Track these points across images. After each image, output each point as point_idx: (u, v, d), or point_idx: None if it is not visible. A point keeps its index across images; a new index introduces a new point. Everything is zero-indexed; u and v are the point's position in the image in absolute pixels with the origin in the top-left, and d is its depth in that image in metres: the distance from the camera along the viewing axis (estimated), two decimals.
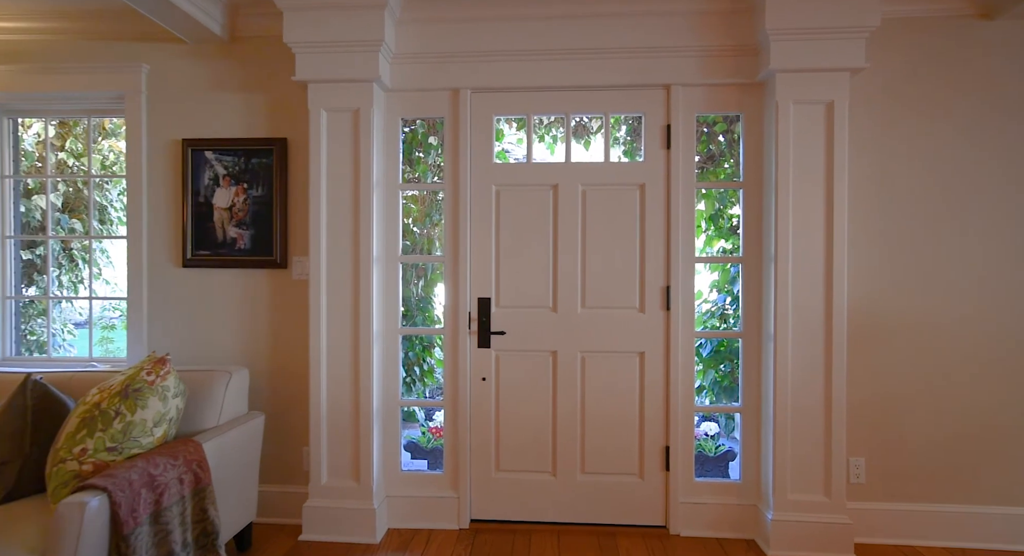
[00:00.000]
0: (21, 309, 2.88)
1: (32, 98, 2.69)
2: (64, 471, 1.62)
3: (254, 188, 2.55)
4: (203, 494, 1.79)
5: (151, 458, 1.66)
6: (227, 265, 2.56)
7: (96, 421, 1.67)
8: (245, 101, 2.59)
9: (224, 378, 2.14)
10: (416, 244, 4.00)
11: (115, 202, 4.18)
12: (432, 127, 3.73)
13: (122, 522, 1.48)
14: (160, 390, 1.77)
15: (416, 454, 2.91)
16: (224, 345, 2.59)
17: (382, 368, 2.49)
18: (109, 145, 3.85)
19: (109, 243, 4.43)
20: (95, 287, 4.19)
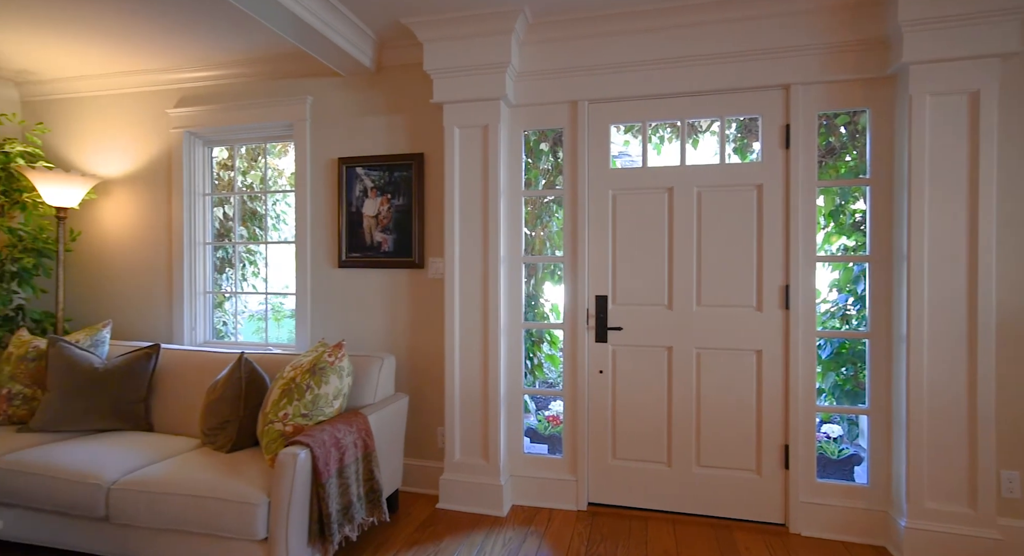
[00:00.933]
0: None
1: (223, 131, 3.28)
2: (273, 431, 2.03)
3: (396, 198, 2.92)
4: (370, 458, 2.14)
5: (335, 425, 2.02)
6: (374, 266, 2.96)
7: (293, 392, 2.07)
8: (388, 122, 2.97)
9: (378, 363, 2.50)
10: (528, 245, 4.25)
11: (270, 212, 4.87)
12: (543, 135, 3.95)
13: (320, 471, 1.84)
14: (338, 370, 2.15)
15: (534, 439, 3.14)
16: (371, 334, 2.99)
17: (507, 359, 2.75)
18: (268, 164, 4.49)
19: (264, 246, 5.11)
20: (256, 284, 4.91)
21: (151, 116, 3.36)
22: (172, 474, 1.95)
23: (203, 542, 1.86)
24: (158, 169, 3.36)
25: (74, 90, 3.43)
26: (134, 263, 3.41)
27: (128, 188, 3.41)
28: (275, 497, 1.78)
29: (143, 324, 3.38)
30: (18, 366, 2.58)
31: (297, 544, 1.81)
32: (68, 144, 3.49)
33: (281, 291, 3.40)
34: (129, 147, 3.40)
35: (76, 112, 3.48)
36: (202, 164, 3.42)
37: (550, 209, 4.32)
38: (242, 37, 2.78)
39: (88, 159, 3.47)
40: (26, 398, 2.55)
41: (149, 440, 2.37)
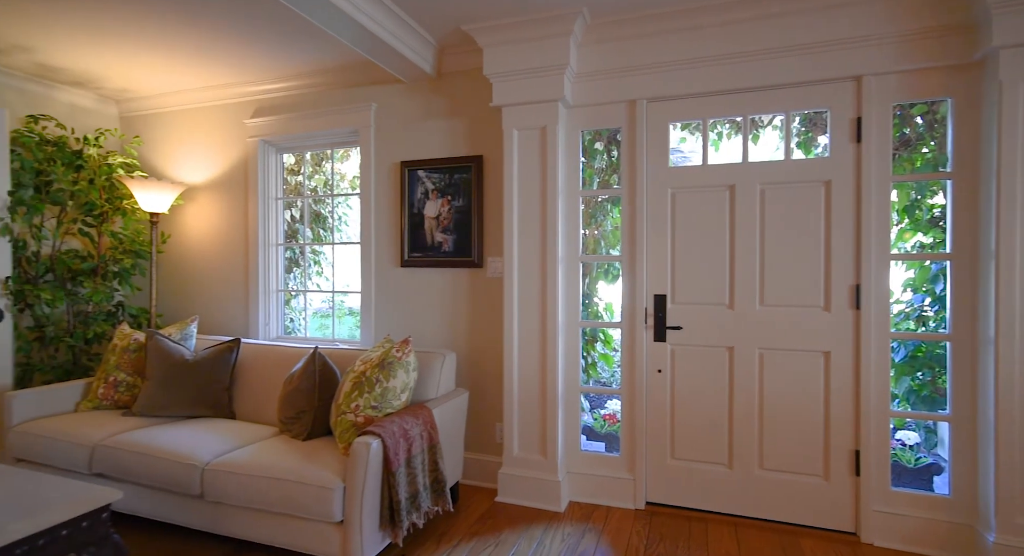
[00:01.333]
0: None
1: (293, 138, 3.48)
2: (345, 421, 2.16)
3: (456, 199, 3.02)
4: (435, 449, 2.23)
5: (403, 417, 2.13)
6: (434, 265, 3.07)
7: (364, 385, 2.19)
8: (448, 126, 3.07)
9: (440, 359, 2.60)
10: (583, 244, 4.27)
11: (333, 214, 5.12)
12: (597, 134, 3.95)
13: (390, 460, 1.94)
14: (405, 365, 2.25)
15: (591, 437, 3.17)
16: (431, 331, 3.10)
17: (565, 357, 2.78)
18: (332, 168, 4.71)
19: (328, 247, 5.34)
20: (319, 283, 5.16)
21: (230, 126, 3.62)
22: (256, 458, 2.11)
23: (285, 521, 2.01)
24: (236, 175, 3.61)
25: (164, 105, 3.74)
26: (215, 263, 3.68)
27: (210, 194, 3.69)
28: (350, 483, 1.90)
29: (223, 319, 3.65)
30: (122, 356, 2.85)
31: (369, 528, 1.92)
32: (159, 154, 3.81)
33: (346, 289, 3.58)
34: (211, 156, 3.67)
35: (166, 125, 3.79)
36: (274, 170, 3.64)
37: (604, 208, 4.32)
38: (312, 50, 2.94)
39: (176, 168, 3.77)
40: (128, 385, 2.82)
41: (233, 427, 2.56)
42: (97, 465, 2.34)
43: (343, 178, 5.07)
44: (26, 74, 3.33)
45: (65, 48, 2.95)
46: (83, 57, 3.07)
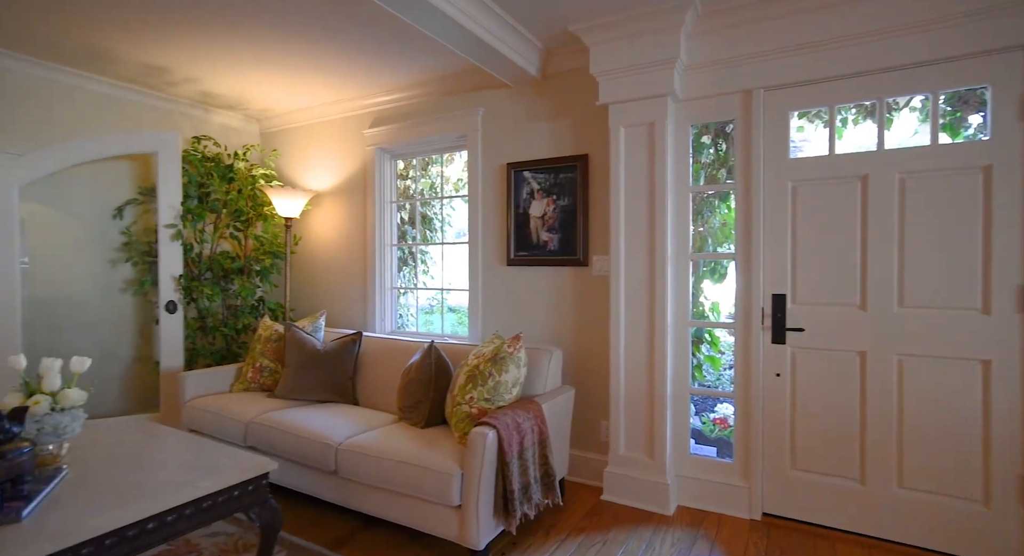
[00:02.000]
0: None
1: (406, 145, 3.72)
2: (461, 412, 2.28)
3: (561, 198, 3.05)
4: (545, 444, 2.29)
5: (515, 410, 2.21)
6: (539, 263, 3.13)
7: (477, 378, 2.30)
8: (553, 127, 3.11)
9: (548, 355, 2.65)
10: None
11: (438, 215, 5.39)
12: (704, 128, 3.79)
13: (505, 451, 2.02)
14: (516, 360, 2.33)
15: (699, 441, 3.06)
16: (536, 328, 3.17)
17: (673, 358, 2.71)
18: (437, 172, 4.96)
19: (432, 247, 5.59)
20: (425, 281, 5.43)
21: (351, 137, 3.95)
22: (382, 442, 2.30)
23: (407, 501, 2.17)
24: (356, 182, 3.94)
25: (296, 121, 4.16)
26: (338, 262, 4.04)
27: (334, 199, 4.05)
28: (468, 470, 2.01)
29: (345, 314, 3.99)
30: (266, 345, 3.23)
31: (485, 514, 2.02)
32: (292, 165, 4.25)
33: (453, 287, 3.76)
34: (335, 164, 4.03)
35: (298, 139, 4.22)
36: (389, 175, 3.92)
37: (711, 204, 4.13)
38: (423, 61, 3.13)
39: (306, 176, 4.19)
40: (271, 371, 3.20)
41: (358, 412, 2.81)
42: (250, 439, 2.68)
43: (447, 181, 5.32)
44: (192, 101, 3.87)
45: (220, 77, 3.40)
46: (233, 83, 3.51)
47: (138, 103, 3.64)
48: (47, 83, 3.23)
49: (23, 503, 1.45)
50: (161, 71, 3.30)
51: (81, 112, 3.38)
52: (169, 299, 3.40)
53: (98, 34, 2.81)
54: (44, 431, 1.74)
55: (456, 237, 4.65)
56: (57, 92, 3.28)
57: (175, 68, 3.26)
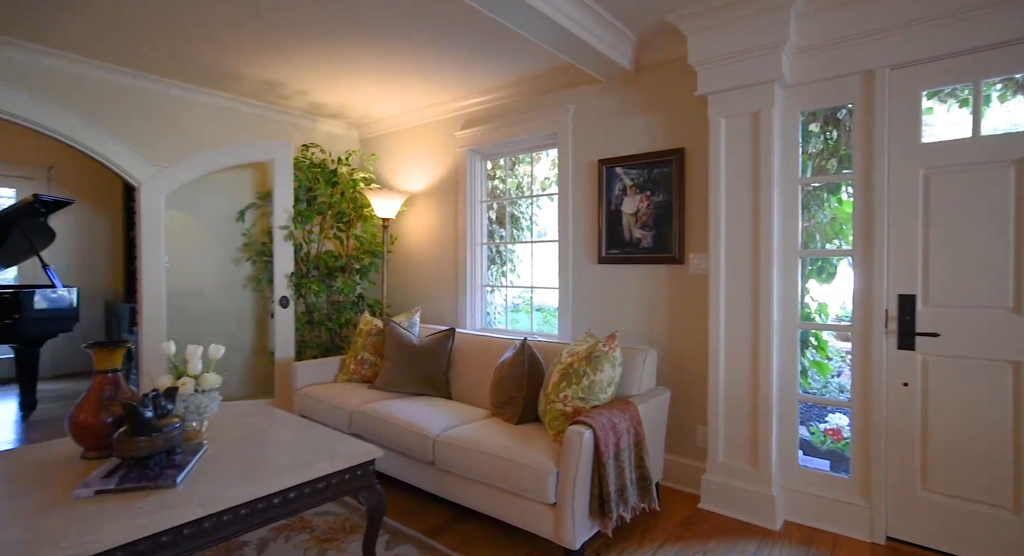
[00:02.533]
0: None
1: (496, 145, 3.78)
2: (555, 410, 2.28)
3: (656, 194, 2.96)
4: (641, 446, 2.23)
5: (611, 410, 2.17)
6: (632, 261, 3.05)
7: (571, 377, 2.29)
8: (646, 121, 3.02)
9: (642, 355, 2.58)
10: None
11: (524, 214, 5.43)
12: (812, 115, 3.51)
13: (601, 452, 1.99)
14: (611, 359, 2.29)
15: (808, 452, 2.84)
16: (628, 328, 3.09)
17: (780, 362, 2.54)
18: (524, 171, 4.99)
19: (519, 245, 5.63)
20: (512, 280, 5.48)
21: (443, 139, 4.08)
22: (478, 436, 2.35)
23: (503, 496, 2.20)
24: (447, 183, 4.06)
25: (393, 126, 4.38)
26: (431, 260, 4.19)
27: (427, 200, 4.21)
28: (563, 468, 2.00)
29: (438, 310, 4.13)
30: (367, 339, 3.43)
31: (581, 513, 2.00)
32: (389, 168, 4.48)
33: (540, 286, 3.77)
34: (428, 166, 4.19)
35: (394, 143, 4.44)
36: (479, 175, 4.01)
37: (819, 197, 3.81)
38: (513, 62, 3.16)
39: (401, 178, 4.39)
40: (371, 363, 3.38)
41: (452, 406, 2.89)
42: (354, 426, 2.85)
43: (534, 180, 5.35)
44: (302, 112, 4.20)
45: (327, 88, 3.65)
46: (337, 94, 3.76)
47: (257, 116, 4.00)
48: (185, 103, 3.64)
49: (176, 471, 1.64)
50: (276, 85, 3.61)
51: (211, 127, 3.77)
52: (282, 295, 3.71)
53: (225, 56, 3.12)
54: (189, 409, 1.95)
55: (539, 236, 4.65)
56: (192, 110, 3.68)
57: (288, 82, 3.54)
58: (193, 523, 1.49)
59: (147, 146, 3.48)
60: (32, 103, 3.03)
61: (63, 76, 3.14)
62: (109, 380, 1.86)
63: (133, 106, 3.42)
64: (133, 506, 1.46)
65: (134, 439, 1.64)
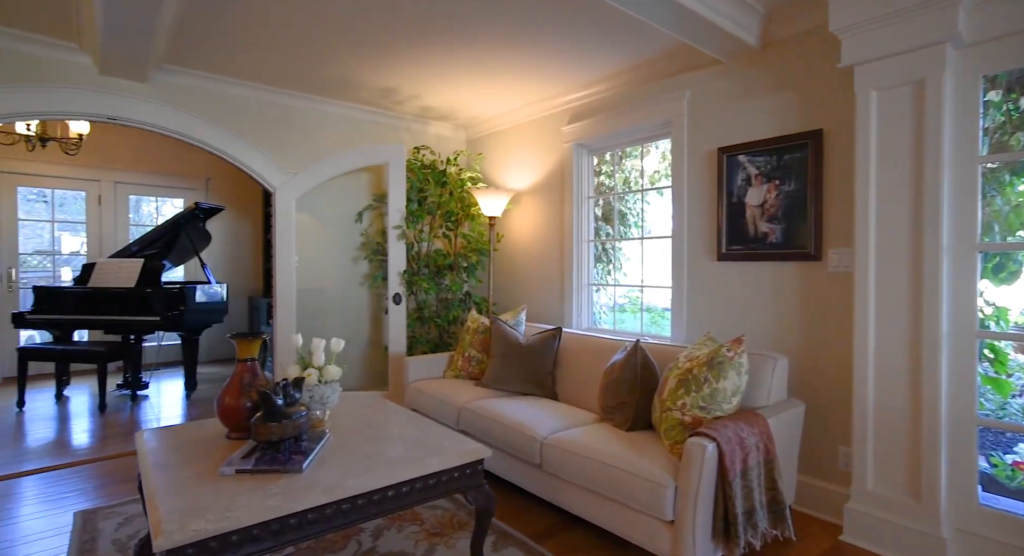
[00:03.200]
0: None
1: (604, 139, 3.64)
2: (671, 418, 2.11)
3: (786, 183, 2.64)
4: (772, 465, 1.98)
5: (736, 423, 1.95)
6: (757, 258, 2.75)
7: (690, 383, 2.10)
8: (774, 103, 2.71)
9: (771, 363, 2.30)
10: None
11: (632, 210, 5.20)
12: (991, 82, 2.92)
13: (727, 469, 1.79)
14: (737, 366, 2.06)
15: (989, 488, 2.36)
16: (753, 331, 2.80)
17: (951, 377, 2.13)
18: (632, 166, 4.75)
19: (627, 244, 5.40)
20: (618, 278, 5.27)
21: (549, 135, 4.01)
22: (587, 441, 2.25)
23: (615, 507, 2.07)
24: (553, 179, 3.99)
25: (498, 125, 4.40)
26: (537, 259, 4.15)
27: (533, 197, 4.17)
28: (682, 483, 1.83)
29: (543, 309, 4.08)
30: (474, 337, 3.47)
31: (702, 535, 1.82)
32: (495, 167, 4.51)
33: (652, 284, 3.56)
34: (534, 164, 4.15)
35: (499, 142, 4.46)
36: (586, 170, 3.88)
37: (998, 179, 3.18)
38: (620, 50, 2.99)
39: (507, 177, 4.40)
40: (478, 361, 3.42)
41: (559, 408, 2.81)
42: (462, 423, 2.88)
43: (643, 174, 5.11)
44: (413, 116, 4.37)
45: (436, 92, 3.74)
46: (445, 96, 3.84)
47: (373, 122, 4.23)
48: (313, 113, 3.94)
49: (302, 458, 1.74)
50: (391, 91, 3.77)
51: (334, 135, 4.05)
52: (396, 292, 3.88)
53: (347, 67, 3.31)
54: (314, 399, 2.07)
55: (646, 233, 4.41)
56: (319, 120, 3.98)
57: (401, 87, 3.69)
58: (316, 509, 1.55)
59: (282, 155, 3.81)
60: (193, 122, 3.44)
61: (216, 96, 3.54)
62: (248, 368, 2.02)
63: (271, 119, 3.77)
64: (266, 487, 1.56)
65: (268, 424, 1.75)
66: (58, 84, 3.02)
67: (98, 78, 3.14)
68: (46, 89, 2.99)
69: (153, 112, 3.31)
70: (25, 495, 2.73)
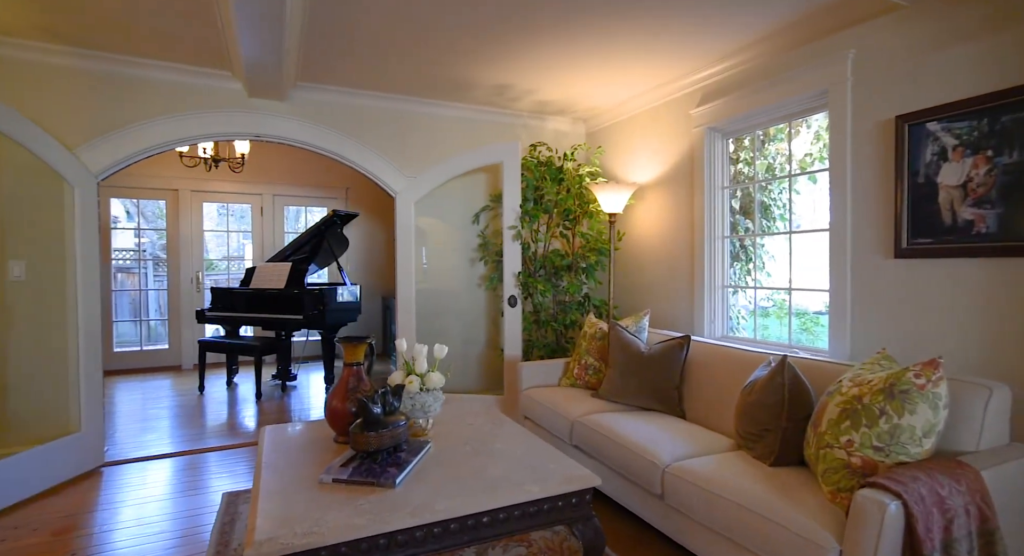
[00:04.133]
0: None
1: (741, 119, 3.15)
2: (832, 456, 1.67)
3: (1003, 153, 1.99)
4: (991, 536, 1.46)
5: (931, 474, 1.46)
6: (957, 254, 2.13)
7: (859, 415, 1.64)
8: (981, 50, 2.06)
9: (983, 394, 1.72)
10: None
11: (777, 200, 4.52)
12: None
13: (920, 540, 1.34)
14: (931, 397, 1.56)
15: None
16: (950, 349, 2.17)
17: None
18: (776, 149, 4.13)
19: (770, 239, 4.73)
20: (759, 279, 4.62)
21: (675, 121, 3.61)
22: (719, 474, 1.89)
23: None
24: (681, 170, 3.57)
25: (618, 115, 4.09)
26: (662, 258, 3.76)
27: (657, 191, 3.79)
28: (851, 548, 1.41)
29: (670, 314, 3.69)
30: (591, 343, 3.22)
31: None
32: (615, 160, 4.20)
33: (805, 286, 2.99)
34: (658, 154, 3.77)
35: (620, 133, 4.14)
36: (720, 157, 3.41)
37: None
38: (760, 11, 2.51)
39: (628, 170, 4.07)
40: (595, 369, 3.16)
41: (686, 429, 2.45)
42: (575, 438, 2.65)
43: (789, 159, 4.42)
44: (530, 112, 4.24)
45: (552, 85, 3.56)
46: (561, 89, 3.64)
47: (488, 121, 4.18)
48: (429, 117, 4.00)
49: (397, 471, 1.65)
50: (506, 88, 3.67)
51: (450, 137, 4.07)
52: (511, 294, 3.77)
53: (461, 67, 3.27)
54: (415, 407, 2.01)
55: (795, 227, 3.78)
56: (435, 123, 4.02)
57: (516, 83, 3.56)
58: (405, 531, 1.45)
59: (402, 160, 3.92)
60: (324, 133, 3.67)
61: (344, 108, 3.74)
62: (354, 373, 2.02)
63: (393, 126, 3.89)
64: (357, 502, 1.49)
65: (365, 433, 1.70)
66: (215, 108, 3.39)
67: (247, 100, 3.48)
68: (205, 114, 3.37)
69: (291, 127, 3.58)
70: (190, 471, 3.09)
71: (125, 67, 3.16)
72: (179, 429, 3.91)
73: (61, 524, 2.48)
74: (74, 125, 3.07)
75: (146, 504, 2.68)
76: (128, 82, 3.19)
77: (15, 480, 2.66)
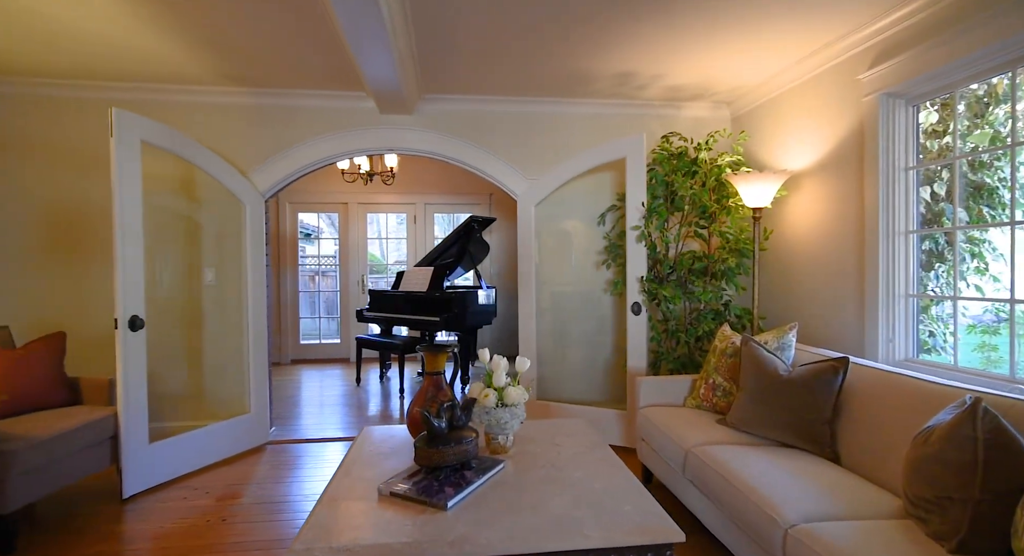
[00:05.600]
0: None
1: (933, 77, 2.41)
2: None
3: None
4: None
5: None
6: None
7: None
8: None
9: None
10: None
11: (1005, 181, 3.41)
12: None
13: None
14: None
15: None
16: None
17: None
18: (1005, 112, 3.13)
19: (999, 232, 3.63)
20: (978, 284, 3.55)
21: (837, 91, 2.93)
22: (867, 554, 1.41)
23: None
24: (847, 151, 2.89)
25: (767, 93, 3.48)
26: (820, 260, 3.10)
27: (815, 179, 3.13)
28: None
29: (828, 329, 3.01)
30: (720, 359, 2.77)
31: None
32: (762, 146, 3.60)
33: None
34: (815, 134, 3.11)
35: (768, 114, 3.53)
36: (903, 131, 2.68)
37: None
38: None
39: (778, 156, 3.44)
40: (725, 391, 2.70)
41: (835, 477, 1.93)
42: (688, 470, 2.28)
43: (1012, 123, 3.31)
44: (660, 101, 3.86)
45: (683, 66, 3.17)
46: (695, 70, 3.22)
47: (614, 115, 3.91)
48: (550, 116, 3.88)
49: (454, 492, 1.56)
50: (629, 77, 3.38)
51: (573, 135, 3.90)
52: (635, 300, 3.45)
53: (573, 60, 3.09)
54: (491, 424, 1.89)
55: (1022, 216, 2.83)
56: (555, 122, 3.89)
57: (640, 69, 3.25)
58: None
59: (522, 162, 3.86)
60: (447, 141, 3.80)
61: (465, 115, 3.82)
62: (434, 381, 1.98)
63: (512, 128, 3.86)
64: (402, 521, 1.43)
65: (427, 449, 1.65)
66: (352, 127, 3.73)
67: (380, 117, 3.75)
68: (345, 133, 3.72)
69: (415, 138, 3.77)
70: (339, 457, 3.43)
71: (279, 99, 3.65)
72: (335, 417, 4.39)
73: (225, 491, 2.92)
74: (246, 153, 3.63)
75: (298, 483, 3.03)
76: (284, 112, 3.67)
77: (205, 447, 3.24)
